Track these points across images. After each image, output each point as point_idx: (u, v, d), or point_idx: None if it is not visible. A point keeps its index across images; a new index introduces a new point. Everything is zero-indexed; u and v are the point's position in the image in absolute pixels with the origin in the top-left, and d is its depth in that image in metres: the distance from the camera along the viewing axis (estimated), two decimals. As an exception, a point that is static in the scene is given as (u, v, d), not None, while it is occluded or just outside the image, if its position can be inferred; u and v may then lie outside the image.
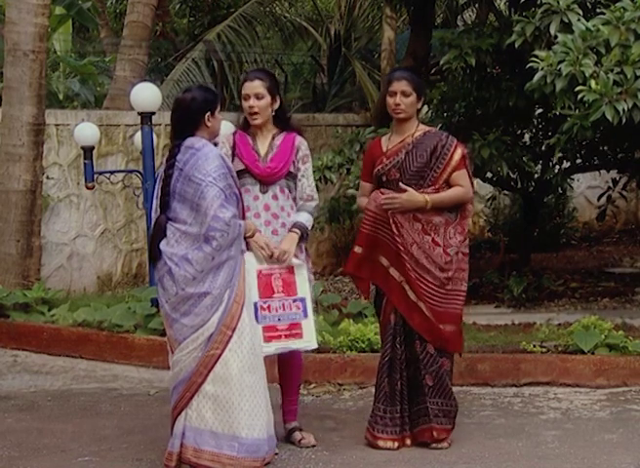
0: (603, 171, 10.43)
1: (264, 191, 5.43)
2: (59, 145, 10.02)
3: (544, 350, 6.82)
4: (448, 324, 5.37)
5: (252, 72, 5.59)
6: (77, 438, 5.73)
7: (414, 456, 5.28)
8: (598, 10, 7.36)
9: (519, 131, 9.50)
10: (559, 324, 7.63)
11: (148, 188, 7.73)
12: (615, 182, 9.89)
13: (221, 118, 5.29)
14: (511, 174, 9.14)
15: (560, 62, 6.76)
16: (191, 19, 15.81)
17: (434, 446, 5.38)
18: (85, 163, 8.39)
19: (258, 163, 5.42)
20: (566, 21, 7.10)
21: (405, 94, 5.43)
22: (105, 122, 10.26)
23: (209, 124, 5.09)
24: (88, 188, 8.62)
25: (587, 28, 6.91)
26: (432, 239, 5.36)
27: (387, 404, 5.38)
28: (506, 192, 11.25)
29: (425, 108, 8.83)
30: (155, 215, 5.09)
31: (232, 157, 5.44)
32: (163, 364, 6.24)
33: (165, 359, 5.23)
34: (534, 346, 6.84)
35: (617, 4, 6.97)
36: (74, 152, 9.94)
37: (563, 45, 6.84)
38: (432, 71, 11.52)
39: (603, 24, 6.87)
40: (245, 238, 5.11)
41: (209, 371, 4.90)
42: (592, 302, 9.13)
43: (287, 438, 5.51)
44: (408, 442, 5.41)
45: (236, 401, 4.90)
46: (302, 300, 5.36)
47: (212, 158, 4.96)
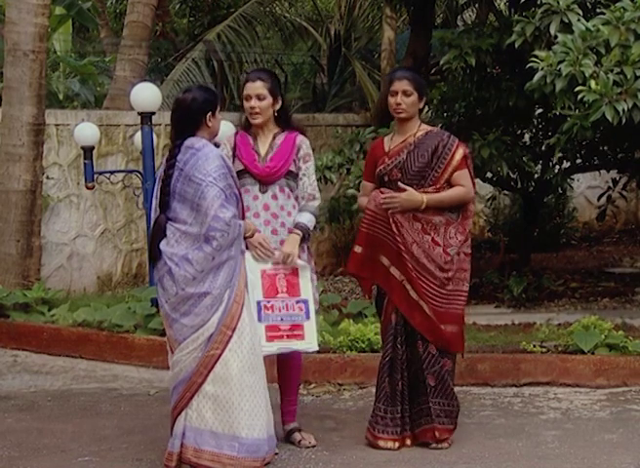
0: (603, 171, 10.43)
1: (264, 191, 5.42)
2: (59, 145, 10.01)
3: (544, 350, 6.82)
4: (449, 324, 5.36)
5: (253, 72, 5.57)
6: (77, 438, 5.73)
7: (414, 456, 5.28)
8: (598, 10, 7.37)
9: (519, 131, 9.49)
10: (559, 324, 7.63)
11: (148, 188, 7.72)
12: (615, 182, 9.89)
13: (221, 118, 5.29)
14: (511, 174, 9.14)
15: (560, 63, 6.77)
16: (191, 19, 15.81)
17: (434, 446, 5.38)
18: (85, 163, 8.40)
19: (256, 163, 5.42)
20: (566, 22, 7.11)
21: (406, 93, 5.43)
22: (105, 122, 10.25)
23: (209, 124, 5.10)
24: (88, 188, 8.63)
25: (587, 28, 6.91)
26: (432, 238, 5.35)
27: (388, 404, 5.38)
28: (506, 192, 11.24)
29: (425, 108, 8.82)
30: (155, 215, 5.09)
31: (233, 158, 5.44)
32: (163, 364, 6.24)
33: (165, 359, 5.23)
34: (534, 346, 6.84)
35: (617, 4, 6.97)
36: (74, 152, 9.94)
37: (563, 45, 6.85)
38: (432, 71, 11.52)
39: (603, 24, 6.87)
40: (245, 238, 5.11)
41: (209, 372, 4.90)
42: (592, 302, 9.13)
43: (286, 438, 5.50)
44: (408, 442, 5.41)
45: (236, 401, 4.90)
46: (305, 302, 5.36)
47: (212, 158, 4.97)
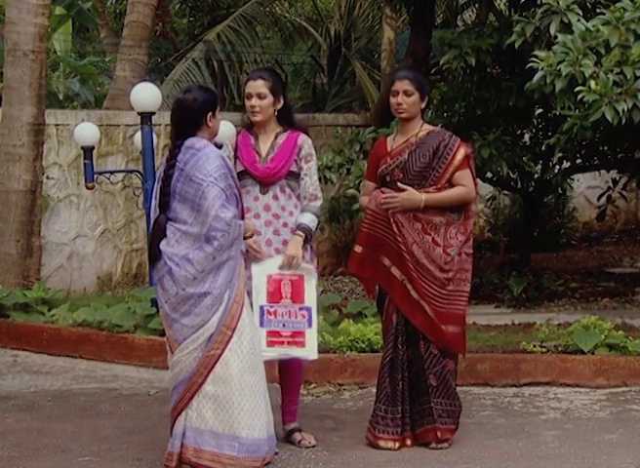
0: (603, 171, 10.43)
1: (264, 192, 5.42)
2: (59, 145, 10.01)
3: (544, 350, 6.82)
4: (451, 325, 5.36)
5: (255, 71, 5.59)
6: (77, 438, 5.73)
7: (414, 456, 5.28)
8: (598, 10, 7.37)
9: (519, 131, 9.50)
10: (559, 324, 7.63)
11: (148, 188, 7.72)
12: (615, 182, 9.89)
13: (221, 118, 5.30)
14: (511, 174, 9.14)
15: (560, 63, 6.77)
16: (191, 19, 15.81)
17: (434, 446, 5.38)
18: (85, 163, 8.40)
19: (256, 164, 5.42)
20: (566, 22, 7.11)
21: (407, 93, 5.42)
22: (105, 122, 10.25)
23: (210, 124, 5.10)
24: (88, 188, 8.63)
25: (587, 29, 6.91)
26: (432, 239, 5.35)
27: (389, 404, 5.37)
28: (506, 192, 11.24)
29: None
30: (154, 216, 5.09)
31: (234, 158, 5.44)
32: (163, 364, 6.23)
33: (165, 359, 5.23)
34: (534, 346, 6.84)
35: (616, 4, 6.97)
36: (74, 152, 9.93)
37: (563, 45, 6.85)
38: (432, 71, 11.51)
39: (603, 25, 6.87)
40: (244, 238, 5.11)
41: (209, 372, 4.90)
42: (592, 302, 9.13)
43: (286, 438, 5.50)
44: (408, 442, 5.41)
45: (236, 401, 4.90)
46: (309, 310, 5.35)
47: (213, 158, 4.97)
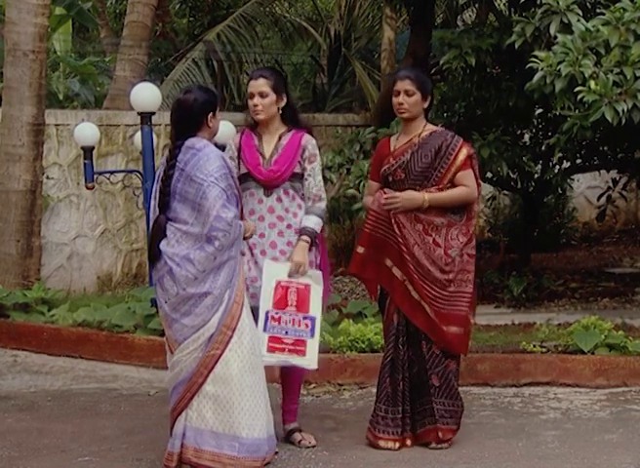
0: (603, 171, 10.42)
1: (268, 194, 5.41)
2: (59, 145, 10.01)
3: (544, 350, 6.82)
4: (452, 325, 5.35)
5: (257, 71, 5.59)
6: (77, 438, 5.73)
7: (414, 456, 5.28)
8: (598, 10, 7.36)
9: (519, 131, 9.49)
10: (559, 324, 7.63)
11: (148, 188, 7.71)
12: (615, 182, 9.88)
13: (221, 118, 5.30)
14: (511, 174, 9.14)
15: (560, 63, 6.76)
16: (191, 20, 15.81)
17: (434, 446, 5.38)
18: (85, 163, 8.40)
19: (260, 167, 5.41)
20: (566, 22, 7.10)
21: (408, 93, 5.42)
22: (105, 122, 10.26)
23: (210, 125, 5.10)
24: (88, 188, 8.63)
25: (587, 29, 6.91)
26: (433, 240, 5.34)
27: (389, 404, 5.37)
28: (506, 192, 11.23)
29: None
30: (154, 216, 5.09)
31: (237, 159, 5.44)
32: (163, 364, 6.21)
33: (165, 359, 5.23)
34: (534, 346, 6.84)
35: (616, 4, 6.97)
36: (74, 152, 9.94)
37: (563, 45, 6.85)
38: (432, 71, 11.51)
39: (603, 25, 6.87)
40: (244, 238, 5.11)
41: (209, 372, 4.90)
42: (592, 302, 9.12)
43: (286, 438, 5.50)
44: (408, 442, 5.41)
45: (236, 401, 4.91)
46: (312, 319, 5.35)
47: (213, 158, 4.97)
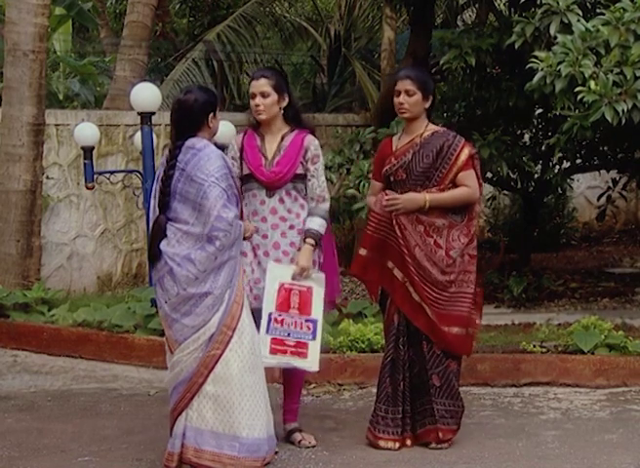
0: (603, 171, 10.43)
1: (271, 195, 5.40)
2: (59, 145, 10.01)
3: (544, 350, 6.82)
4: (453, 326, 5.33)
5: (258, 71, 5.60)
6: (77, 438, 5.73)
7: (414, 456, 5.28)
8: (598, 10, 7.36)
9: (519, 131, 9.49)
10: (559, 324, 7.63)
11: (148, 188, 7.71)
12: (615, 182, 9.88)
13: (221, 118, 5.30)
14: (511, 174, 9.14)
15: (560, 63, 6.76)
16: (191, 19, 15.81)
17: (434, 446, 5.38)
18: (85, 163, 8.40)
19: (262, 168, 5.40)
20: (566, 22, 7.10)
21: (409, 93, 5.41)
22: (105, 122, 10.26)
23: (211, 125, 5.10)
24: (88, 188, 8.63)
25: (587, 29, 6.91)
26: (435, 241, 5.33)
27: (389, 404, 5.37)
28: (506, 192, 11.24)
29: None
30: (154, 216, 5.09)
31: (240, 160, 5.44)
32: (163, 364, 6.21)
33: (165, 359, 5.23)
34: (534, 346, 6.84)
35: (616, 4, 6.97)
36: (74, 152, 9.94)
37: (563, 45, 6.85)
38: (432, 71, 11.50)
39: (603, 25, 6.87)
40: (244, 238, 5.11)
41: (209, 372, 4.90)
42: (592, 302, 9.12)
43: (286, 438, 5.50)
44: (408, 442, 5.41)
45: (237, 401, 4.91)
46: (314, 322, 5.36)
47: (214, 158, 4.97)
